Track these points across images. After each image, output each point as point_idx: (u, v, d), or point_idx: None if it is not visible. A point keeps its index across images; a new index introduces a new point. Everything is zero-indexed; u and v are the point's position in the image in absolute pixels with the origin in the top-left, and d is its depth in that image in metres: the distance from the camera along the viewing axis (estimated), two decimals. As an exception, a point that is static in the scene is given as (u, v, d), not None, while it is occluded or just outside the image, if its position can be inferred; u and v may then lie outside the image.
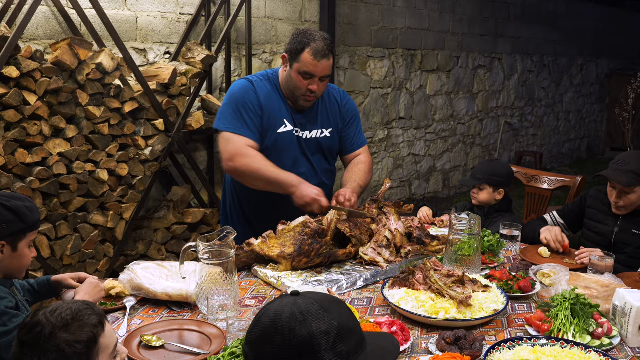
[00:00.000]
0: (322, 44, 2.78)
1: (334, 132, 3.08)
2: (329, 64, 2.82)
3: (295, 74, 2.83)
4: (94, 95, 4.05)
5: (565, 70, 10.36)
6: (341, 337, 1.32)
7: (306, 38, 2.79)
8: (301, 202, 2.74)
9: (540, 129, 10.09)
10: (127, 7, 4.61)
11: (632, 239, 3.05)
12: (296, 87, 2.86)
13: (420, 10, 7.44)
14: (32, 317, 1.46)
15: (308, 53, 2.77)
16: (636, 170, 2.96)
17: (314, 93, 2.86)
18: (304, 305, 1.33)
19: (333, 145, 3.10)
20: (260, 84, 2.95)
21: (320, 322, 1.31)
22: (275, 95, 2.95)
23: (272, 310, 1.35)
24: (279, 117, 2.93)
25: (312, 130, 3.01)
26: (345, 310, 1.42)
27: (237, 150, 2.83)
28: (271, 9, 5.68)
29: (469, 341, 1.96)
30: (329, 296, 1.45)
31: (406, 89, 7.48)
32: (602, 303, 2.28)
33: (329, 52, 2.80)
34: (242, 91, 2.92)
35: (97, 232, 4.22)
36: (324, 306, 1.35)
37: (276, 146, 2.92)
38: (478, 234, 2.62)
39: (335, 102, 3.11)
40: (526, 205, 4.13)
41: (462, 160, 8.60)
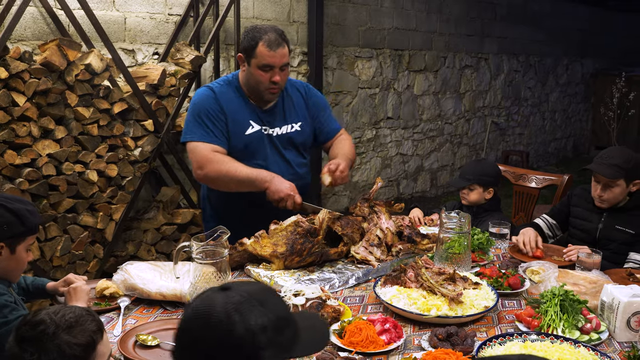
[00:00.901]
0: (274, 35, 2.82)
1: (304, 125, 3.10)
2: (285, 52, 2.84)
3: (254, 69, 2.85)
4: (83, 96, 4.04)
5: (550, 70, 10.45)
6: (279, 329, 1.25)
7: (257, 33, 2.83)
8: (275, 197, 2.77)
9: (526, 129, 10.17)
10: (116, 8, 4.60)
11: (615, 235, 3.11)
12: (259, 82, 2.87)
13: (407, 11, 7.48)
14: (35, 315, 1.48)
15: (262, 46, 2.79)
16: (620, 163, 3.02)
17: (277, 84, 2.87)
18: (237, 300, 1.24)
19: (305, 138, 3.12)
20: (221, 90, 2.97)
21: (257, 316, 1.22)
22: (237, 99, 2.97)
23: (201, 309, 1.24)
24: (243, 119, 2.94)
25: (282, 126, 3.02)
26: (278, 298, 1.36)
27: (205, 157, 2.85)
28: (259, 10, 5.70)
29: (461, 337, 1.99)
30: (261, 287, 1.36)
31: (394, 89, 7.52)
32: (590, 299, 2.32)
33: (282, 40, 2.83)
34: (203, 99, 2.94)
35: (86, 233, 4.21)
36: (259, 299, 1.26)
37: (247, 148, 2.94)
38: (468, 232, 2.66)
39: (300, 95, 3.13)
40: (514, 203, 4.17)
41: (450, 159, 8.66)
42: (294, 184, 2.85)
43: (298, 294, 2.18)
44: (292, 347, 1.27)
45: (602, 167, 3.06)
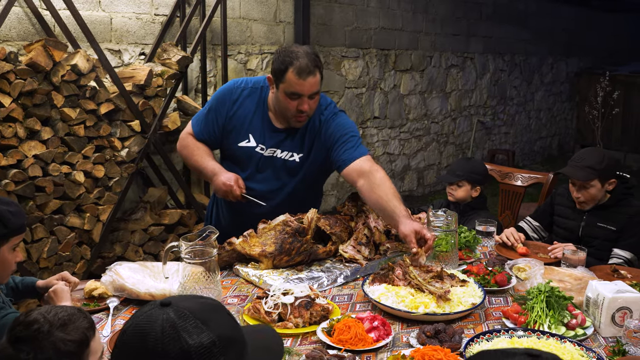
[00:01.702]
0: (306, 61, 2.65)
1: (305, 157, 2.90)
2: (315, 81, 2.69)
3: (282, 95, 2.72)
4: (69, 96, 4.02)
5: (536, 69, 10.52)
6: (223, 350, 1.18)
7: (288, 57, 2.67)
8: (220, 195, 2.83)
9: (512, 127, 10.23)
10: (102, 8, 4.59)
11: (598, 232, 3.16)
12: (285, 108, 2.75)
13: (393, 11, 7.50)
14: (27, 316, 1.49)
15: (292, 73, 2.65)
16: (592, 165, 3.08)
17: (305, 112, 2.74)
18: (176, 318, 1.18)
19: (301, 169, 2.92)
20: (246, 92, 2.90)
21: (197, 336, 1.16)
22: (256, 109, 2.88)
23: (139, 327, 1.18)
24: (244, 131, 2.87)
25: (284, 150, 2.90)
26: (225, 316, 1.27)
27: (182, 135, 3.05)
28: (246, 10, 5.70)
29: (449, 334, 2.01)
30: (205, 304, 1.27)
31: (380, 89, 7.55)
32: (576, 295, 2.35)
33: (314, 67, 2.67)
34: (222, 92, 2.96)
35: (73, 234, 4.20)
36: (201, 317, 1.20)
37: (235, 157, 2.94)
38: (455, 230, 2.68)
39: (317, 124, 2.90)
40: (500, 202, 4.21)
41: (436, 158, 8.70)
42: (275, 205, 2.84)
43: (287, 293, 2.19)
44: None
45: (575, 170, 3.13)
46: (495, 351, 1.11)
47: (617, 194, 3.15)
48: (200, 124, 2.96)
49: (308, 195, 3.01)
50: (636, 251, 3.09)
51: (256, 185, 2.89)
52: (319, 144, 2.90)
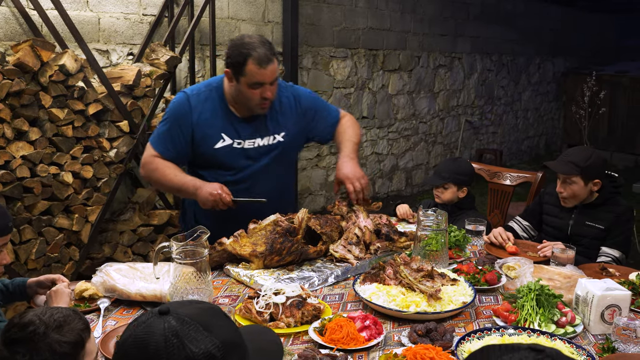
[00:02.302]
0: (263, 50, 2.69)
1: (289, 133, 3.00)
2: (274, 67, 2.75)
3: (244, 87, 2.75)
4: (57, 97, 4.00)
5: (523, 69, 10.58)
6: (226, 355, 1.15)
7: (245, 48, 2.70)
8: (208, 206, 2.75)
9: (499, 127, 10.29)
10: (89, 8, 4.57)
11: (586, 231, 3.19)
12: (249, 99, 2.79)
13: (381, 11, 7.52)
14: (22, 318, 1.48)
15: (252, 64, 2.68)
16: (575, 161, 3.12)
17: (268, 99, 2.80)
18: (179, 326, 1.15)
19: (288, 146, 3.01)
20: (199, 99, 2.89)
21: (201, 343, 1.13)
22: (216, 109, 2.89)
23: (139, 338, 1.15)
24: (214, 132, 2.87)
25: (264, 137, 2.93)
26: (225, 320, 1.24)
27: (145, 160, 2.93)
28: (234, 10, 5.69)
29: (440, 333, 2.02)
30: (204, 309, 1.24)
31: (368, 89, 7.56)
32: (565, 293, 2.37)
33: (271, 55, 2.72)
34: (176, 106, 2.91)
35: (62, 235, 4.17)
36: (203, 323, 1.17)
37: (214, 159, 2.90)
38: (445, 229, 2.69)
39: (287, 101, 3.01)
40: (489, 201, 4.23)
41: (424, 158, 8.73)
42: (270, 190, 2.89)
43: (278, 293, 2.19)
44: None
45: (559, 164, 3.20)
46: (499, 346, 1.12)
47: (605, 193, 3.18)
48: (165, 142, 2.88)
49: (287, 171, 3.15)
50: (624, 249, 3.13)
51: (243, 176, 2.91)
52: (299, 118, 3.04)
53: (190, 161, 2.99)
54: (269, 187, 2.95)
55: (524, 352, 1.07)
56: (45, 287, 2.31)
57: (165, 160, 2.87)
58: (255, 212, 2.79)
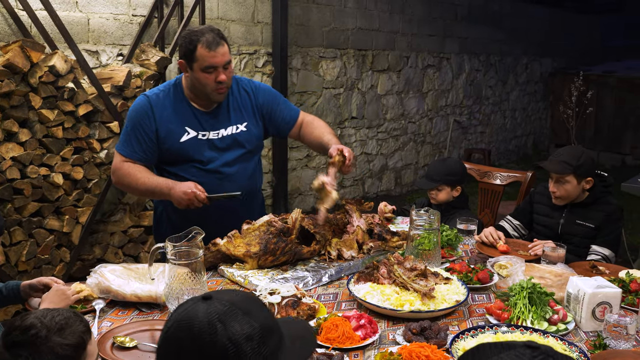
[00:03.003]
0: (211, 34, 2.77)
1: (250, 124, 3.04)
2: (225, 50, 2.80)
3: (198, 73, 2.80)
4: (47, 98, 3.99)
5: (510, 69, 10.66)
6: (264, 338, 1.22)
7: (194, 36, 2.78)
8: (183, 205, 2.76)
9: (487, 127, 10.35)
10: (79, 9, 4.55)
11: (577, 230, 3.22)
12: (204, 85, 2.83)
13: (370, 11, 7.55)
14: (23, 320, 1.49)
15: (202, 48, 2.75)
16: (567, 160, 3.15)
17: (224, 83, 2.84)
18: (220, 310, 1.22)
19: (251, 137, 3.05)
20: (158, 97, 2.94)
21: (241, 326, 1.20)
22: (177, 104, 2.93)
23: (184, 320, 1.22)
24: (178, 127, 2.91)
25: (227, 127, 2.98)
26: (262, 307, 1.32)
27: (114, 166, 2.96)
28: (224, 11, 5.69)
29: (434, 331, 2.04)
30: (245, 295, 1.32)
31: (358, 89, 7.58)
32: (557, 291, 2.39)
33: (220, 38, 2.79)
34: (136, 109, 2.94)
35: (52, 237, 4.16)
36: (243, 308, 1.24)
37: (182, 154, 2.93)
38: (437, 228, 2.71)
39: (246, 94, 3.07)
40: (479, 200, 4.26)
41: (414, 158, 8.76)
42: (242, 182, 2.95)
43: (274, 293, 2.20)
44: (277, 356, 1.25)
45: (551, 164, 3.22)
46: (494, 344, 1.13)
47: (596, 192, 3.21)
48: (131, 144, 2.90)
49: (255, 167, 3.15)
50: (613, 248, 3.16)
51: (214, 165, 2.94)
52: (255, 111, 3.08)
53: (158, 160, 3.00)
54: (240, 180, 2.98)
55: (520, 349, 1.08)
56: (37, 291, 2.30)
57: (135, 163, 2.90)
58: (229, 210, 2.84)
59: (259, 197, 3.24)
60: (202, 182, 2.80)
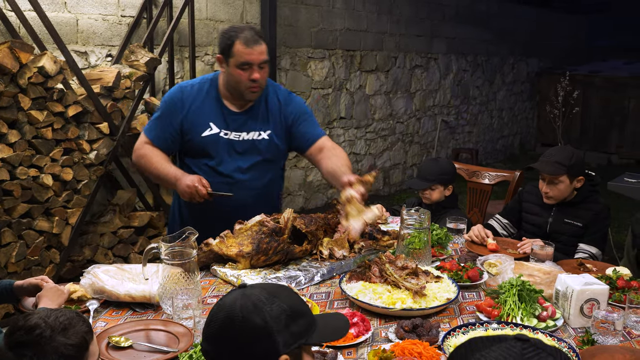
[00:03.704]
0: (251, 32, 2.81)
1: (273, 134, 3.03)
2: (262, 49, 2.83)
3: (233, 69, 2.84)
4: (36, 99, 3.98)
5: (497, 69, 10.73)
6: (292, 318, 1.40)
7: (233, 32, 2.83)
8: (185, 198, 2.83)
9: (475, 127, 10.41)
10: (67, 10, 4.55)
11: (565, 228, 3.26)
12: (238, 81, 2.86)
13: (358, 12, 7.58)
14: (27, 321, 1.50)
15: (239, 44, 2.79)
16: (560, 160, 3.18)
17: (257, 82, 2.86)
18: (253, 295, 1.41)
19: (271, 146, 3.04)
20: (192, 89, 3.00)
21: (270, 307, 1.39)
22: (208, 99, 2.98)
23: (224, 305, 1.43)
24: (203, 121, 2.96)
25: (250, 131, 2.99)
26: (294, 295, 1.50)
27: (136, 146, 3.05)
28: (212, 11, 5.70)
29: (426, 328, 2.07)
30: (276, 284, 1.52)
31: (346, 89, 7.61)
32: (546, 288, 2.43)
33: (258, 37, 2.82)
34: (169, 97, 3.03)
35: (42, 238, 4.15)
36: (272, 292, 1.44)
37: (201, 147, 2.98)
38: (428, 228, 2.74)
39: (277, 102, 3.07)
40: (468, 200, 4.29)
41: (402, 158, 8.80)
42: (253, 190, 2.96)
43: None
44: (308, 333, 1.43)
45: (545, 165, 3.23)
46: (486, 337, 1.17)
47: (584, 191, 3.25)
48: (155, 130, 2.99)
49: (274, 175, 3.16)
50: (600, 246, 3.20)
51: (226, 168, 2.97)
52: (281, 120, 3.07)
53: (179, 149, 3.07)
54: (253, 187, 2.99)
55: (511, 342, 1.12)
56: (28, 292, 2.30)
57: (155, 147, 2.97)
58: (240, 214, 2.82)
59: (276, 204, 3.22)
60: (212, 182, 2.84)
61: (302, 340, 1.41)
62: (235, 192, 2.89)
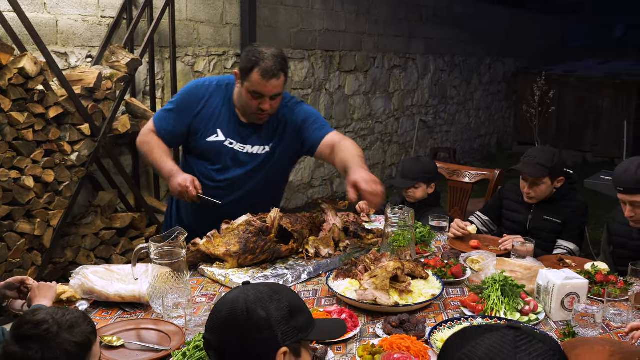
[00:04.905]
0: (272, 63, 2.73)
1: (275, 146, 3.01)
2: (279, 84, 2.79)
3: (245, 92, 2.82)
4: (16, 100, 3.95)
5: (474, 69, 10.85)
6: (292, 313, 1.48)
7: (255, 57, 2.75)
8: (175, 195, 2.86)
9: (452, 126, 10.52)
10: (47, 10, 4.52)
11: (544, 225, 3.33)
12: (247, 104, 2.85)
13: (337, 13, 7.62)
14: (34, 315, 1.53)
15: (257, 73, 2.73)
16: (542, 162, 3.24)
17: (266, 112, 2.84)
18: (256, 291, 1.49)
19: (272, 159, 3.02)
20: (211, 90, 2.98)
21: (271, 301, 1.47)
22: (223, 104, 2.96)
23: (229, 299, 1.50)
24: (211, 126, 2.95)
25: (255, 145, 2.98)
26: (294, 292, 1.58)
27: (143, 130, 3.08)
28: (192, 12, 5.70)
29: (413, 324, 2.12)
30: (274, 283, 1.62)
31: (326, 90, 7.65)
32: (527, 284, 2.49)
33: (278, 71, 2.76)
34: (188, 89, 3.04)
35: (23, 240, 4.12)
36: (274, 289, 1.52)
37: (205, 152, 2.98)
38: (412, 225, 2.79)
39: (284, 114, 3.03)
40: (449, 198, 4.36)
41: (381, 157, 8.87)
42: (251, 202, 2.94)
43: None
44: (307, 330, 1.50)
45: (528, 167, 3.28)
46: (480, 326, 1.21)
47: (562, 189, 3.33)
48: (164, 122, 3.00)
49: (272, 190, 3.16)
50: (578, 242, 3.28)
51: (226, 177, 2.97)
52: (289, 131, 3.03)
53: (185, 146, 3.09)
54: (253, 199, 2.98)
55: (504, 330, 1.18)
56: (13, 289, 2.30)
57: (159, 138, 2.99)
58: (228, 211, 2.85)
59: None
60: (209, 187, 2.87)
61: (301, 334, 1.48)
62: (231, 202, 2.90)
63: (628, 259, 2.78)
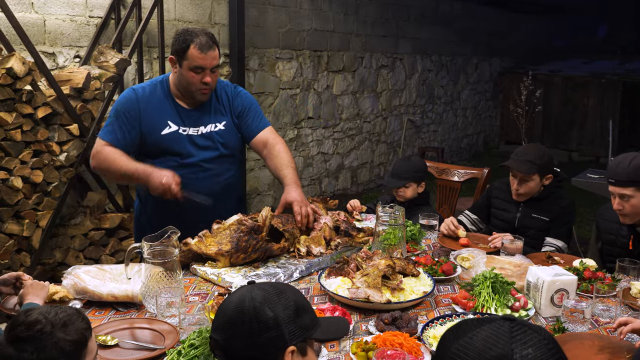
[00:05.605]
0: (205, 38, 2.91)
1: (228, 124, 3.14)
2: (215, 54, 2.94)
3: (186, 71, 2.94)
4: (4, 100, 3.94)
5: (461, 69, 10.90)
6: (298, 312, 1.49)
7: (189, 35, 2.91)
8: (157, 193, 2.84)
9: (440, 125, 10.56)
10: (35, 10, 4.50)
11: (532, 223, 3.37)
12: (190, 83, 2.96)
13: (325, 13, 7.64)
14: (27, 316, 1.52)
15: (194, 48, 2.89)
16: (533, 159, 3.28)
17: (208, 85, 2.97)
18: (262, 291, 1.50)
19: (229, 136, 3.14)
20: (144, 92, 3.06)
21: (278, 300, 1.48)
22: (162, 100, 3.05)
23: (235, 298, 1.51)
24: (161, 120, 3.02)
25: (207, 125, 3.09)
26: (298, 292, 1.59)
27: (95, 150, 3.04)
28: (181, 12, 5.69)
29: (405, 321, 2.14)
30: (278, 282, 1.64)
31: (314, 89, 7.67)
32: (517, 280, 2.52)
33: (213, 43, 2.93)
34: (122, 100, 3.06)
35: (12, 241, 4.10)
36: (279, 288, 1.54)
37: (162, 145, 3.02)
38: (402, 224, 2.81)
39: (226, 95, 3.18)
40: (438, 197, 4.39)
41: (369, 157, 8.89)
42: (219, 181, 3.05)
43: (249, 289, 2.26)
44: (312, 329, 1.52)
45: (518, 164, 3.32)
46: (476, 319, 1.24)
47: (550, 187, 3.36)
48: (114, 133, 2.98)
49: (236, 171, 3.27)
50: (566, 240, 3.32)
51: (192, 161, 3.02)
52: (231, 113, 3.18)
53: (139, 152, 3.06)
54: (219, 178, 3.08)
55: (500, 322, 1.21)
56: (8, 285, 2.29)
57: (116, 148, 2.97)
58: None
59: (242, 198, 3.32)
60: (180, 174, 2.87)
61: (307, 333, 1.50)
62: (202, 182, 2.98)
63: (616, 255, 2.83)
